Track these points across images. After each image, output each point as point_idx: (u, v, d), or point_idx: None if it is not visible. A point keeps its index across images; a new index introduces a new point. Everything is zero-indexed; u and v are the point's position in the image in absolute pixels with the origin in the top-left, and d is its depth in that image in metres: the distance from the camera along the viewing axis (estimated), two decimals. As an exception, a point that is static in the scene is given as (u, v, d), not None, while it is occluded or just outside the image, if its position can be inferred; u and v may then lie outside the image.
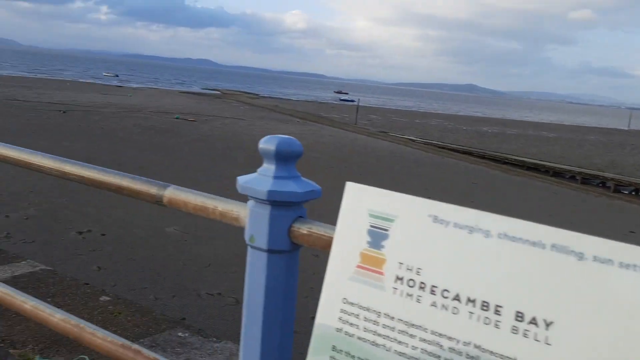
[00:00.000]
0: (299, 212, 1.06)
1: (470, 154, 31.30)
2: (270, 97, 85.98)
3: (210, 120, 34.16)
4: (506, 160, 29.74)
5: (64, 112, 29.44)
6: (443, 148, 32.85)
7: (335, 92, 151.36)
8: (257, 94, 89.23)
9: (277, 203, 1.04)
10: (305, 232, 1.02)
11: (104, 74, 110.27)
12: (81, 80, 78.70)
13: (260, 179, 1.06)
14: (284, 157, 1.07)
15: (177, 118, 32.60)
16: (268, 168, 1.08)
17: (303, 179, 1.08)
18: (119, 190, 1.33)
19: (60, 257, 8.64)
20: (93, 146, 19.32)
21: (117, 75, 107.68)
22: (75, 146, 18.90)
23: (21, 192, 11.88)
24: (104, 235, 9.90)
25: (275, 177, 1.05)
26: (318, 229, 1.01)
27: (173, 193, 1.19)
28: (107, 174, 1.36)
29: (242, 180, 1.08)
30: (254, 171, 1.18)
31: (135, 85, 78.25)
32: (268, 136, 1.14)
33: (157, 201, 1.23)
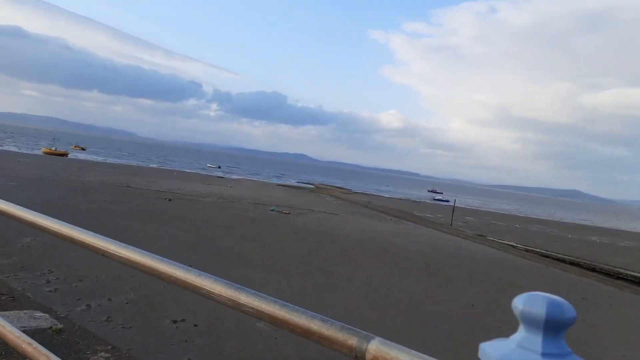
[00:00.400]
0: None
1: (578, 265, 28.83)
2: (363, 192, 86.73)
3: (304, 213, 34.68)
4: (620, 275, 26.96)
5: (169, 200, 31.28)
6: (547, 257, 30.62)
7: (429, 191, 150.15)
8: (350, 189, 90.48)
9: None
10: None
11: (208, 165, 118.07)
12: (187, 170, 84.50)
13: (523, 355, 0.74)
14: (554, 327, 0.76)
15: (272, 210, 33.43)
16: (532, 339, 0.75)
17: (575, 355, 0.76)
18: (306, 334, 1.07)
19: (154, 345, 8.59)
20: (194, 233, 20.04)
21: (220, 167, 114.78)
22: (177, 233, 19.70)
23: (123, 275, 12.29)
24: (196, 326, 9.81)
25: (545, 355, 0.73)
26: None
27: (380, 349, 0.89)
28: (291, 312, 1.10)
29: (495, 352, 0.76)
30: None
31: (235, 177, 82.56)
32: (529, 294, 0.83)
33: (357, 356, 0.93)
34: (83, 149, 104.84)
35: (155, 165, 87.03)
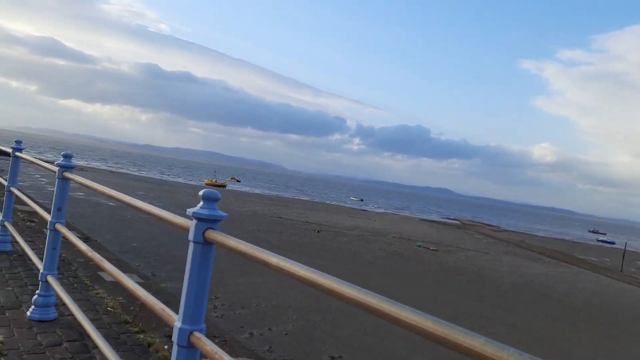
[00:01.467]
0: None
1: None
2: (513, 230, 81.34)
3: (452, 251, 33.29)
4: None
5: (318, 232, 32.05)
6: None
7: (590, 231, 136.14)
8: (499, 227, 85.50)
9: None
10: None
11: (352, 198, 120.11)
12: (332, 203, 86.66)
13: None
14: None
15: (419, 246, 32.61)
16: None
17: None
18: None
19: (313, 381, 8.55)
20: (341, 266, 20.14)
21: (362, 200, 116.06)
22: (327, 265, 19.95)
23: (282, 306, 12.59)
24: (354, 364, 9.61)
25: None
26: None
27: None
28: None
29: None
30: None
31: (379, 210, 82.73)
32: None
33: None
34: (238, 181, 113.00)
35: (303, 197, 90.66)
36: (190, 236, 2.14)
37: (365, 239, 32.55)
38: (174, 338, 2.02)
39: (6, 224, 6.53)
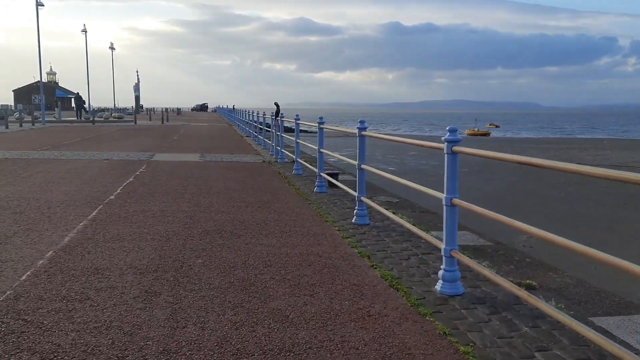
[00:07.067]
0: None
1: None
2: None
3: None
4: None
5: (639, 176, 25.74)
6: None
7: None
8: None
9: None
10: None
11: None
12: (619, 137, 74.13)
13: None
14: None
15: None
16: None
17: None
18: None
19: None
20: None
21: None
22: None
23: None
24: None
25: None
26: None
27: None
28: None
29: None
30: None
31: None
32: None
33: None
34: (497, 127, 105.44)
35: (579, 135, 79.58)
36: (445, 151, 4.19)
37: None
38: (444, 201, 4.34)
39: (322, 174, 9.39)
